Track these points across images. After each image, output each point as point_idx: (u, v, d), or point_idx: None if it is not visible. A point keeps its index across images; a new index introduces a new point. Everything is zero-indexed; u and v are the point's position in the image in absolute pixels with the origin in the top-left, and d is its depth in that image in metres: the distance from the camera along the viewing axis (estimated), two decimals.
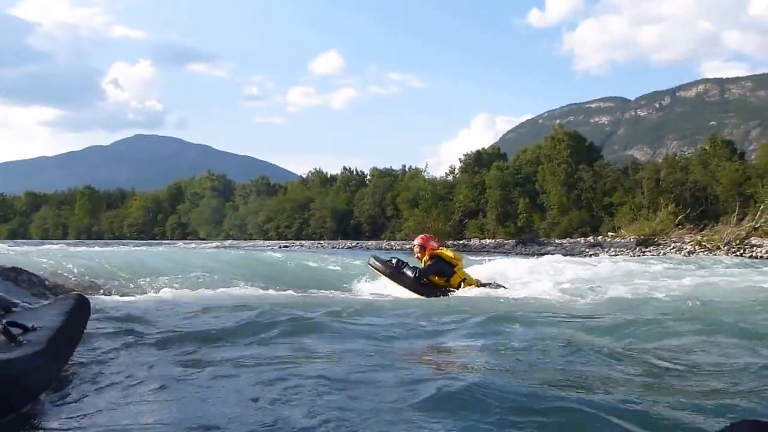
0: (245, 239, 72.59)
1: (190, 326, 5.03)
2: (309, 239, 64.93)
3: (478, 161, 63.39)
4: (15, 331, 2.76)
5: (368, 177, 74.83)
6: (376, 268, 8.64)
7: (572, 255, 26.01)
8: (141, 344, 4.11)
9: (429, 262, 8.21)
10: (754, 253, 25.35)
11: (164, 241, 66.13)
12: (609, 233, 42.05)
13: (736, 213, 29.41)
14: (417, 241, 8.68)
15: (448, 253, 8.48)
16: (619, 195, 49.55)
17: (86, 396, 2.93)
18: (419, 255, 8.48)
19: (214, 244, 54.31)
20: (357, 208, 68.72)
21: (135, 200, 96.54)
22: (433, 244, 8.57)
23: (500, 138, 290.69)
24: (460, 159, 66.30)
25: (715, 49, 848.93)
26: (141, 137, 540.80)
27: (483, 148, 68.09)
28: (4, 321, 2.79)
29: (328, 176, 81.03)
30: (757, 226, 28.28)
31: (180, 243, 53.74)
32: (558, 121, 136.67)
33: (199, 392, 3.01)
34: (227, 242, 60.18)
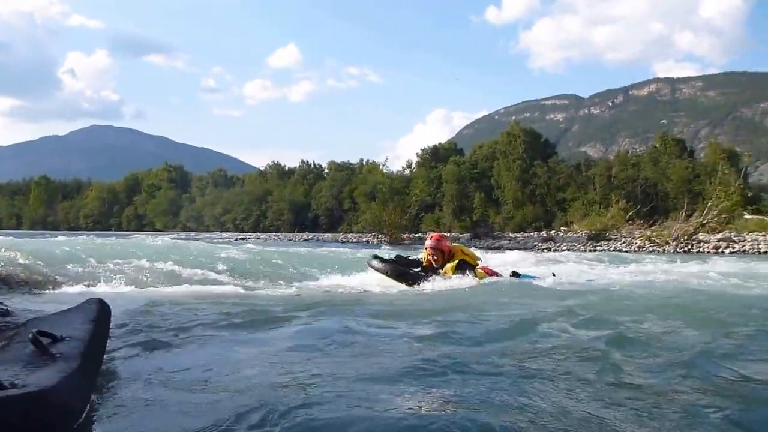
0: (202, 231, 71.76)
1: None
2: (266, 231, 64.53)
3: (435, 156, 63.66)
4: (45, 340, 2.48)
5: (326, 170, 74.60)
6: (378, 270, 8.02)
7: (525, 249, 26.32)
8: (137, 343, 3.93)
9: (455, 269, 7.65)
10: (701, 249, 26.02)
11: (120, 233, 65.26)
12: (562, 228, 42.73)
13: (685, 209, 30.19)
14: (432, 243, 8.07)
15: (468, 252, 8.18)
16: (572, 191, 50.32)
17: (124, 406, 2.65)
18: (435, 259, 7.95)
19: (172, 235, 53.52)
20: (314, 201, 68.49)
21: (91, 191, 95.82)
22: (448, 244, 8.18)
23: (457, 133, 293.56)
24: (417, 153, 66.53)
25: (668, 50, 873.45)
26: (97, 128, 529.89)
27: (440, 143, 68.34)
28: (34, 330, 2.46)
29: (286, 169, 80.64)
30: (704, 222, 29.07)
31: (136, 234, 52.79)
32: (514, 118, 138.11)
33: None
34: (183, 234, 59.31)
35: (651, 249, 26.90)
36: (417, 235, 45.91)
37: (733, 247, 25.58)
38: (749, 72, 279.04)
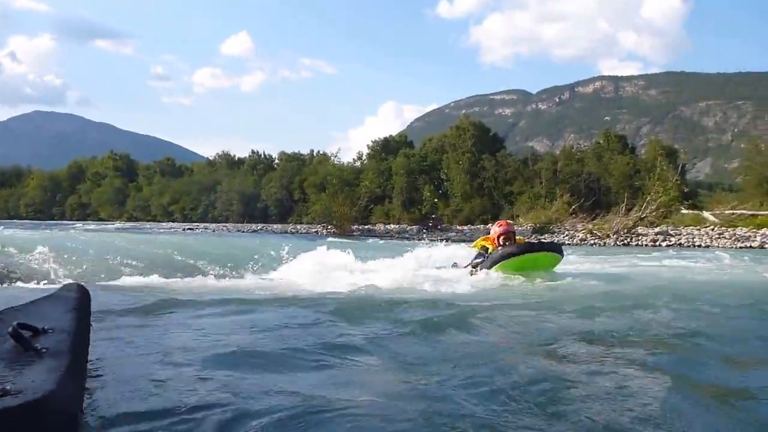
0: (149, 221, 70.20)
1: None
2: (215, 222, 63.62)
3: (385, 148, 63.72)
4: (25, 334, 2.19)
5: (276, 161, 73.81)
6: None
7: (472, 241, 26.65)
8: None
9: None
10: (639, 242, 26.95)
11: (63, 222, 63.43)
12: (508, 221, 43.47)
13: (625, 204, 31.12)
14: (501, 229, 9.41)
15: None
16: (519, 184, 51.20)
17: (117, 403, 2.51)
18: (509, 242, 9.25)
19: (117, 225, 52.18)
20: (264, 192, 67.71)
21: (32, 179, 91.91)
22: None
23: (408, 126, 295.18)
24: (368, 145, 66.52)
25: (612, 49, 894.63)
26: (40, 114, 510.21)
27: (391, 136, 68.46)
28: (15, 323, 2.15)
29: (236, 159, 79.44)
30: (643, 216, 30.08)
31: (79, 224, 51.23)
32: (463, 112, 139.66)
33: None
34: (129, 224, 57.98)
35: (593, 242, 27.74)
36: (366, 226, 46.06)
37: (670, 241, 26.58)
38: (687, 72, 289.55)
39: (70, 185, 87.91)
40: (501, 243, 9.20)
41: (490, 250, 9.19)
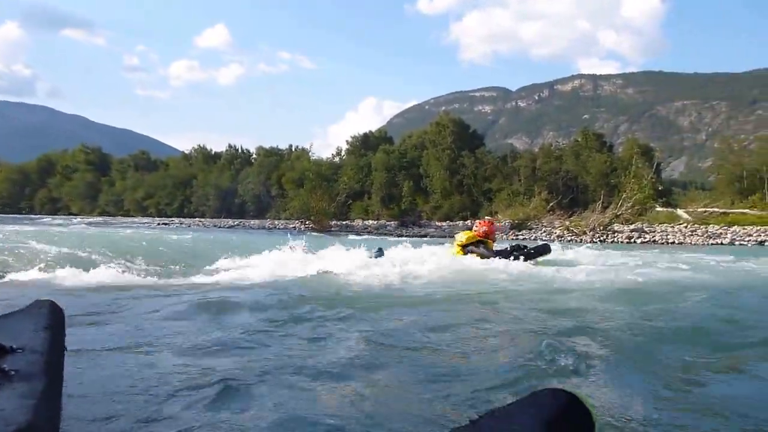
0: (122, 216, 69.43)
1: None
2: (191, 217, 63.05)
3: (365, 144, 63.68)
4: None
5: (254, 156, 73.37)
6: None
7: (451, 237, 26.76)
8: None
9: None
10: (615, 239, 27.23)
11: (32, 216, 62.56)
12: (486, 218, 43.69)
13: (602, 201, 31.41)
14: (493, 227, 10.64)
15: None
16: (498, 181, 51.48)
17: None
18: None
19: (88, 219, 51.43)
20: (241, 187, 67.31)
21: (0, 172, 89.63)
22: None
23: (387, 122, 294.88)
24: (347, 141, 66.43)
25: (592, 47, 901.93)
26: (7, 104, 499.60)
27: (370, 131, 68.43)
28: None
29: (213, 153, 78.78)
30: (619, 213, 30.39)
31: (47, 218, 50.50)
32: (443, 108, 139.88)
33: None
34: (100, 219, 57.23)
35: (569, 238, 27.95)
36: (345, 222, 45.96)
37: (645, 238, 26.88)
38: (665, 72, 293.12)
39: (39, 179, 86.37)
40: (494, 240, 10.34)
41: (488, 244, 10.04)
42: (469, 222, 42.40)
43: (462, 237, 10.21)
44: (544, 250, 10.35)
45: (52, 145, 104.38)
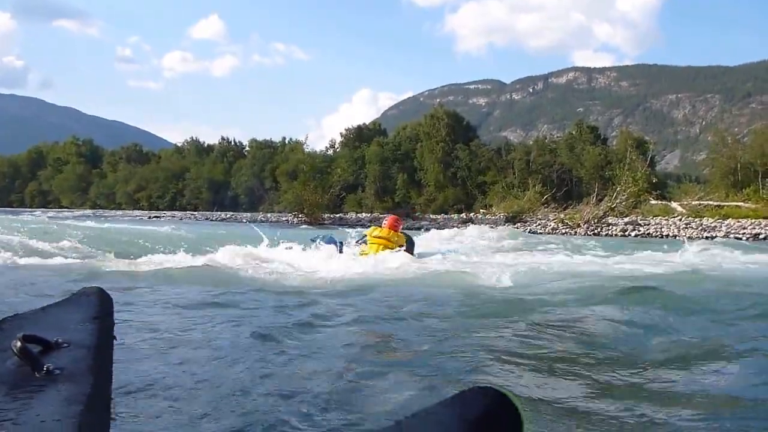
0: (114, 209, 68.95)
1: None
2: (183, 210, 62.68)
3: (359, 136, 63.37)
4: (33, 348, 1.79)
5: (247, 148, 72.95)
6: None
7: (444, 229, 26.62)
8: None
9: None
10: (609, 232, 27.15)
11: (22, 209, 62.10)
12: (481, 210, 43.61)
13: (596, 194, 31.30)
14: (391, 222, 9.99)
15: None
16: (493, 174, 51.29)
17: None
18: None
19: (78, 213, 51.10)
20: (234, 180, 66.94)
21: None
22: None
23: (382, 114, 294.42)
24: (341, 133, 66.13)
25: (586, 40, 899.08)
26: None
27: (364, 124, 68.18)
28: (20, 335, 1.75)
29: (205, 146, 78.23)
30: (613, 206, 30.31)
31: (38, 212, 50.20)
32: (438, 101, 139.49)
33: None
34: (91, 212, 56.81)
35: (564, 231, 27.86)
36: (338, 215, 45.74)
37: (639, 230, 26.82)
38: (659, 65, 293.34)
39: (30, 171, 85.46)
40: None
41: (400, 238, 9.72)
42: (464, 215, 42.34)
43: (377, 232, 9.78)
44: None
45: (43, 137, 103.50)
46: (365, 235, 9.78)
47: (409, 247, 9.72)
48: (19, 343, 1.51)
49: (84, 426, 1.31)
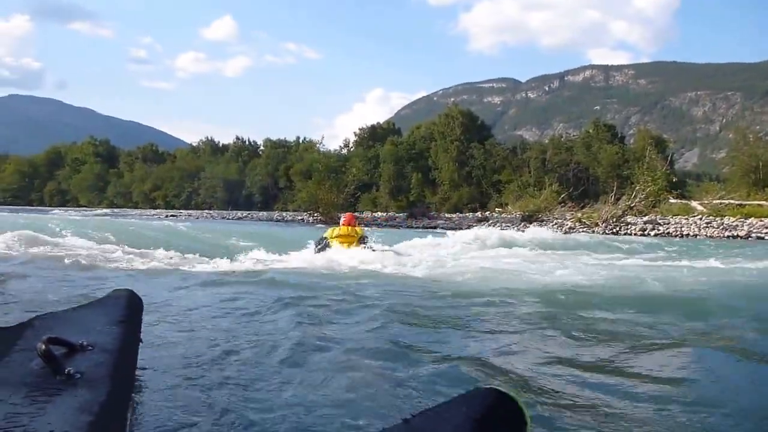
0: (130, 208, 69.39)
1: None
2: (198, 209, 62.90)
3: (372, 136, 63.39)
4: (57, 351, 1.68)
5: (261, 147, 73.14)
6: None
7: (460, 228, 26.30)
8: None
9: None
10: (628, 231, 26.64)
11: (41, 208, 62.77)
12: (497, 209, 43.22)
13: (614, 193, 30.77)
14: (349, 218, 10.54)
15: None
16: (508, 173, 50.90)
17: None
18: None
19: (97, 211, 51.43)
20: (249, 179, 67.11)
21: (9, 164, 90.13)
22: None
23: (395, 113, 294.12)
24: (355, 133, 66.13)
25: (603, 37, 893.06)
26: (16, 97, 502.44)
27: (378, 123, 68.06)
28: (45, 337, 1.66)
29: (220, 145, 78.67)
30: (632, 205, 29.78)
31: (57, 210, 50.52)
32: (452, 100, 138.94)
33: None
34: (108, 210, 57.14)
35: (581, 230, 27.38)
36: (353, 214, 45.55)
37: (659, 230, 26.28)
38: (677, 62, 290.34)
39: (48, 171, 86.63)
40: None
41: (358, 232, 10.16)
42: (479, 214, 41.95)
43: (337, 231, 10.13)
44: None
45: (60, 137, 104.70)
46: (325, 238, 9.97)
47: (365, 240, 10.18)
48: (43, 346, 1.59)
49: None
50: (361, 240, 9.88)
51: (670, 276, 7.12)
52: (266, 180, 65.07)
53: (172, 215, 49.10)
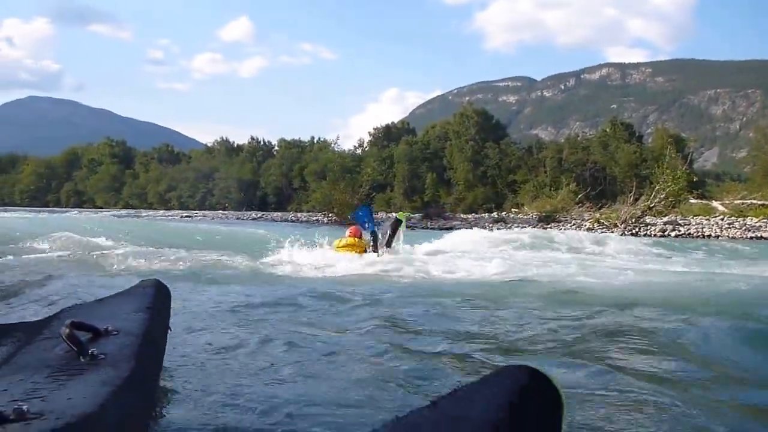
0: (145, 208, 69.64)
1: None
2: (212, 210, 62.96)
3: (387, 135, 63.14)
4: (82, 335, 1.74)
5: (276, 148, 73.14)
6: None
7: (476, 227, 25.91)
8: None
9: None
10: (648, 232, 26.11)
11: (58, 209, 63.23)
12: (512, 209, 42.74)
13: (633, 193, 30.21)
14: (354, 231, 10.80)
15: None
16: (523, 173, 50.43)
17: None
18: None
19: (113, 212, 51.71)
20: (263, 179, 67.12)
21: (27, 165, 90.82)
22: None
23: (410, 113, 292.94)
24: (369, 133, 65.90)
25: (620, 35, 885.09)
26: (35, 99, 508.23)
27: (392, 123, 67.80)
28: (68, 322, 1.72)
29: (235, 146, 78.70)
30: (651, 205, 29.23)
31: (74, 211, 50.85)
32: (467, 99, 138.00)
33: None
34: (124, 211, 57.36)
35: (600, 231, 26.88)
36: None
37: (679, 230, 25.77)
38: (696, 60, 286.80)
39: (65, 172, 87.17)
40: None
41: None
42: (495, 214, 41.51)
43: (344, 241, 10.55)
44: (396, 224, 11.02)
45: (78, 139, 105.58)
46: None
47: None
48: (67, 330, 1.67)
49: (109, 407, 1.38)
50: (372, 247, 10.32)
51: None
52: (281, 180, 65.02)
53: (187, 216, 49.14)
